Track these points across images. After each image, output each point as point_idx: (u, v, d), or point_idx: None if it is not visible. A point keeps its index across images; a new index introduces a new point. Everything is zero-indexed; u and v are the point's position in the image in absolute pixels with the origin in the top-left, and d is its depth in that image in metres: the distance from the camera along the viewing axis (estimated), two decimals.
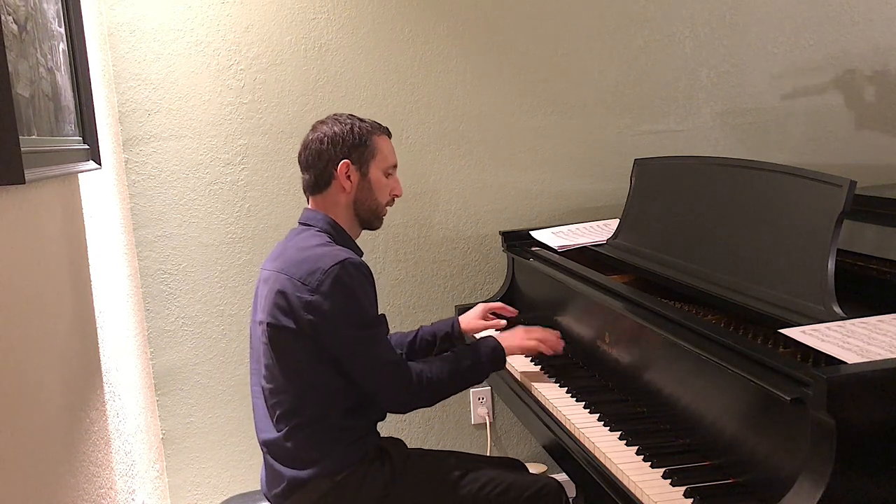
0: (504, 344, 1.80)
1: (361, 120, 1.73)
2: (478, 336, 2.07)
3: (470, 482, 1.68)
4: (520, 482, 1.71)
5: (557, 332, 1.90)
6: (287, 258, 1.63)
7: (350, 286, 1.56)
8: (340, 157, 1.68)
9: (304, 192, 1.75)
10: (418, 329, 2.00)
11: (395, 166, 1.77)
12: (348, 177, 1.69)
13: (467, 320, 2.03)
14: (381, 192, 1.74)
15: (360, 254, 1.73)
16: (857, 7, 2.73)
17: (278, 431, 1.63)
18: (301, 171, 1.74)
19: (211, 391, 2.42)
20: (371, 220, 1.76)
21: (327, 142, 1.69)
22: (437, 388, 1.67)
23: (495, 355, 1.78)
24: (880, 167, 2.79)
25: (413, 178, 2.50)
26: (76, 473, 1.35)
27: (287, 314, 1.58)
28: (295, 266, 1.60)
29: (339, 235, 1.70)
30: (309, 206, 1.75)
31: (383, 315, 1.66)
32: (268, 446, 1.66)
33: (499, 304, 2.08)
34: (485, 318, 2.04)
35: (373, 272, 2.48)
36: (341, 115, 1.73)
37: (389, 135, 1.78)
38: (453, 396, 1.78)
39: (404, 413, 1.72)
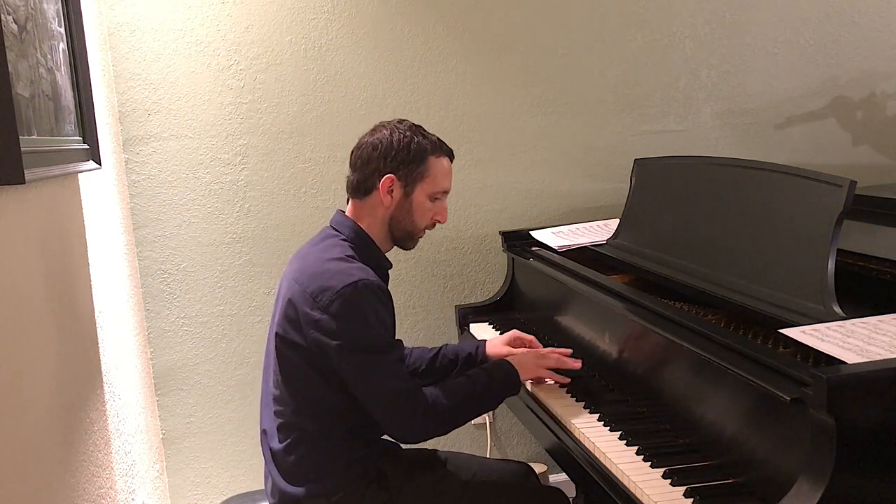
0: (518, 367, 1.69)
1: (424, 136, 1.64)
2: None
3: None
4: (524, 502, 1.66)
5: (569, 352, 1.79)
6: (306, 265, 1.58)
7: (360, 309, 1.49)
8: (387, 170, 1.61)
9: (347, 191, 1.69)
10: (442, 346, 1.91)
11: (445, 192, 1.68)
12: (390, 192, 1.62)
13: (494, 345, 1.89)
14: (420, 216, 1.66)
15: (389, 266, 1.69)
16: (858, 6, 2.73)
17: (280, 442, 1.60)
18: (349, 168, 1.67)
19: (211, 391, 2.42)
20: (404, 240, 1.69)
21: (381, 149, 1.61)
22: (450, 416, 1.58)
23: (510, 381, 1.68)
24: (880, 167, 2.80)
25: None
26: (76, 473, 1.35)
27: (295, 328, 1.55)
28: (309, 278, 1.54)
29: (366, 248, 1.63)
30: (346, 208, 1.68)
31: (399, 340, 1.58)
32: (271, 452, 1.63)
33: (532, 337, 1.90)
34: (513, 345, 1.87)
35: None
36: (405, 123, 1.65)
37: (451, 157, 1.69)
38: None
39: (415, 443, 1.61)
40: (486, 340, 1.90)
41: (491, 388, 1.64)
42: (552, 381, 1.76)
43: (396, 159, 1.60)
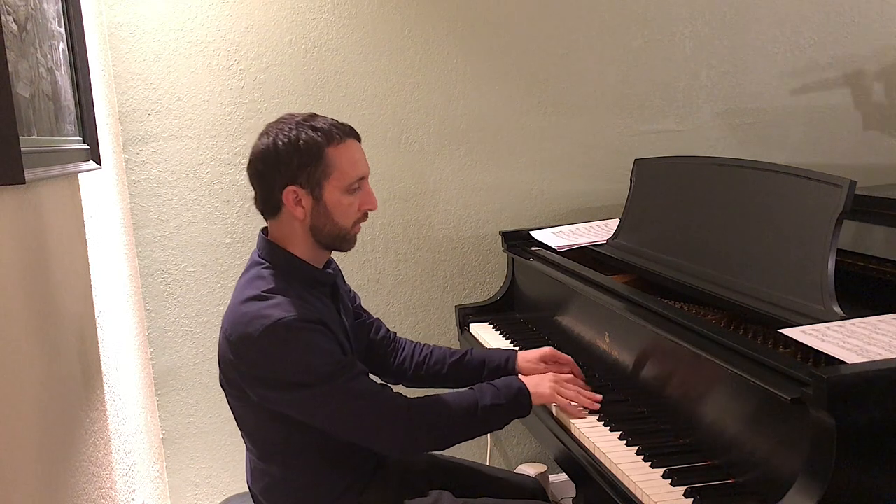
0: (532, 390, 1.53)
1: (313, 127, 1.42)
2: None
3: None
4: None
5: (590, 397, 1.62)
6: (232, 304, 1.44)
7: (284, 349, 1.35)
8: (285, 182, 1.41)
9: (258, 211, 1.52)
10: (467, 350, 1.77)
11: (362, 178, 1.47)
12: (298, 202, 1.43)
13: (526, 360, 1.73)
14: (342, 215, 1.45)
15: (332, 277, 1.54)
16: (858, 6, 2.73)
17: (254, 483, 1.53)
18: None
19: (211, 391, 2.42)
20: (338, 243, 1.49)
21: (269, 161, 1.42)
22: (444, 430, 1.44)
23: (519, 401, 1.51)
24: (881, 167, 2.80)
25: (413, 178, 2.50)
26: (76, 473, 1.35)
27: (232, 381, 1.44)
28: (231, 324, 1.40)
29: (295, 270, 1.46)
30: (266, 229, 1.52)
31: (346, 357, 1.42)
32: (249, 488, 1.57)
33: (568, 357, 1.74)
34: (547, 363, 1.73)
35: (373, 272, 2.50)
36: (290, 120, 1.44)
37: (356, 137, 1.48)
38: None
39: (411, 457, 1.52)
40: (517, 352, 1.76)
41: (496, 407, 1.48)
42: (568, 410, 1.60)
43: (290, 166, 1.40)
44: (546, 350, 1.75)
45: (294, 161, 1.41)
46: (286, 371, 1.37)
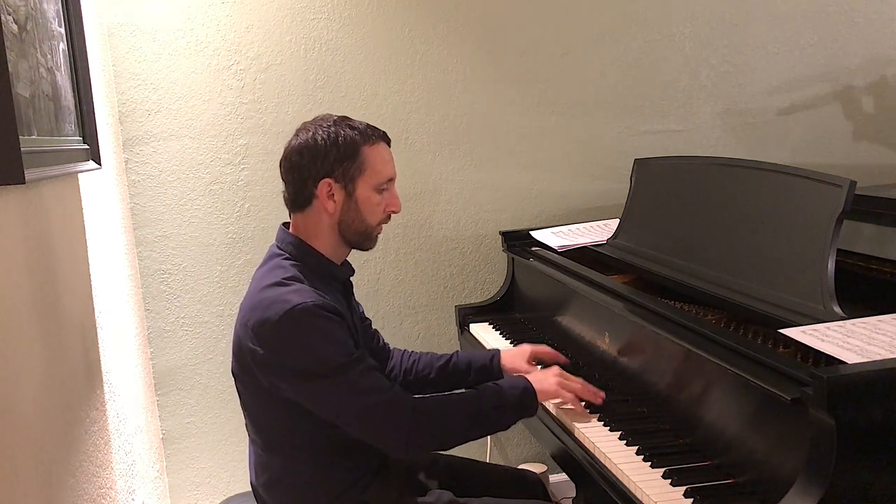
0: (537, 387, 1.54)
1: (351, 126, 1.49)
2: None
3: None
4: None
5: (594, 389, 1.62)
6: (250, 292, 1.48)
7: (302, 335, 1.38)
8: (321, 175, 1.47)
9: (286, 206, 1.56)
10: (453, 354, 1.79)
11: (391, 180, 1.53)
12: (331, 196, 1.48)
13: (510, 358, 1.75)
14: (370, 213, 1.51)
15: (349, 274, 1.60)
16: (858, 7, 2.73)
17: (257, 477, 1.55)
18: (282, 181, 1.54)
19: (211, 391, 2.42)
20: (360, 242, 1.55)
21: (307, 154, 1.47)
22: (446, 431, 1.45)
23: (525, 399, 1.52)
24: (880, 167, 2.80)
25: (413, 178, 2.50)
26: (76, 473, 1.35)
27: (245, 366, 1.46)
28: (249, 310, 1.44)
29: (314, 263, 1.51)
30: (288, 222, 1.56)
31: (358, 351, 1.43)
32: (252, 485, 1.58)
33: (547, 349, 1.79)
34: (529, 362, 1.75)
35: (373, 272, 2.50)
36: (328, 119, 1.51)
37: (387, 141, 1.54)
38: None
39: (410, 457, 1.53)
40: (499, 351, 1.78)
41: (501, 407, 1.49)
42: (572, 406, 1.60)
43: (328, 160, 1.46)
44: (526, 348, 1.77)
45: (332, 155, 1.46)
46: (301, 358, 1.39)
